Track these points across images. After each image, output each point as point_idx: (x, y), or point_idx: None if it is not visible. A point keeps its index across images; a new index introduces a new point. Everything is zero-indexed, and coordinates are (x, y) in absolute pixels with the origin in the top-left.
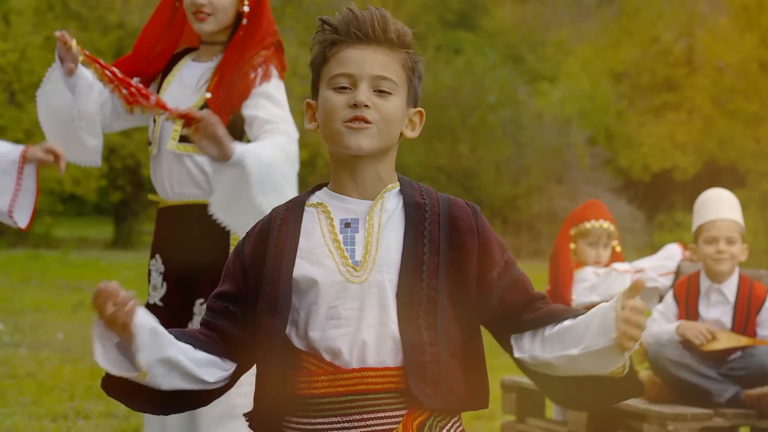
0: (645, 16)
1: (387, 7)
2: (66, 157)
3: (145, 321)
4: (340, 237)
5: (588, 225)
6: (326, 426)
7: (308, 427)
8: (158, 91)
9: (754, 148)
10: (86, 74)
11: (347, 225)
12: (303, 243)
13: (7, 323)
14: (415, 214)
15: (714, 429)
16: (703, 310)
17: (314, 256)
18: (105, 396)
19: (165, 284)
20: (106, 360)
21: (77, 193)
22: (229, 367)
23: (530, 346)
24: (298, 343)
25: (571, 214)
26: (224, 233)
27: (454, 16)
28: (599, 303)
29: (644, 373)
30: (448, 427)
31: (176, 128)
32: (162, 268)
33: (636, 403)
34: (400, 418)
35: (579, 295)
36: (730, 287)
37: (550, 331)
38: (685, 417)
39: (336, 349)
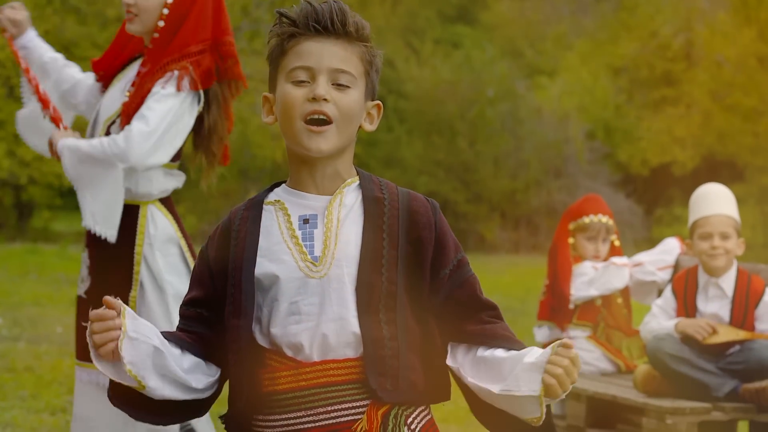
0: (644, 10)
1: (386, 2)
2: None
3: (140, 343)
4: (299, 233)
5: (587, 220)
6: (292, 421)
7: (275, 423)
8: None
9: (752, 142)
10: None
11: (306, 221)
12: (263, 242)
13: (5, 317)
14: (373, 208)
15: (712, 423)
16: (702, 304)
17: (273, 254)
18: None
19: (89, 277)
20: (104, 366)
21: None
22: (214, 372)
23: (462, 360)
24: (261, 340)
25: (569, 208)
26: (131, 232)
27: (452, 11)
28: (597, 297)
29: (642, 367)
30: (413, 416)
31: (102, 132)
32: (88, 262)
33: (634, 396)
34: (364, 408)
35: (577, 289)
36: (728, 281)
37: (482, 353)
38: (684, 411)
39: (297, 344)
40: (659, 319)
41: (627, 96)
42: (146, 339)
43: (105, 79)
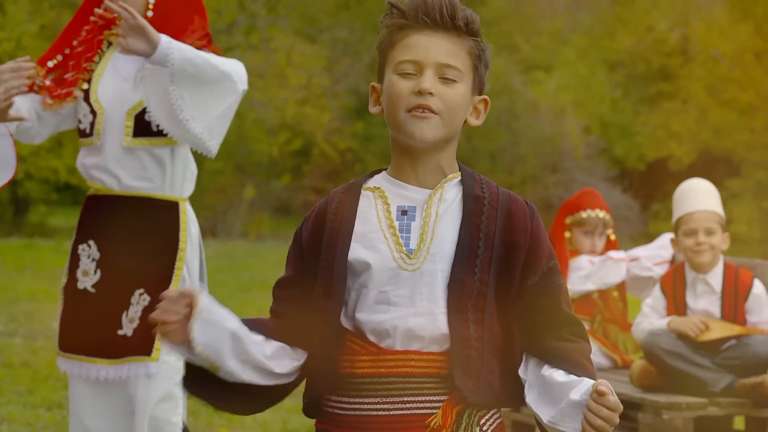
0: (640, 5)
1: None
2: None
3: (215, 327)
4: (396, 224)
5: (584, 214)
6: (366, 406)
7: (348, 406)
8: (89, 83)
9: (748, 137)
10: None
11: (404, 212)
12: (358, 227)
13: (2, 312)
14: (473, 206)
15: (709, 418)
16: (691, 301)
17: (369, 241)
18: None
19: (99, 271)
20: (175, 347)
21: (72, 183)
22: (300, 356)
23: (531, 374)
24: (345, 322)
25: (566, 202)
26: (174, 229)
27: None
28: (594, 291)
29: (639, 362)
30: (486, 418)
31: (128, 124)
32: (97, 255)
33: (631, 392)
34: (439, 403)
35: (574, 283)
36: (716, 277)
37: (545, 371)
38: (680, 406)
39: (382, 332)
40: (651, 318)
41: (623, 91)
42: (222, 323)
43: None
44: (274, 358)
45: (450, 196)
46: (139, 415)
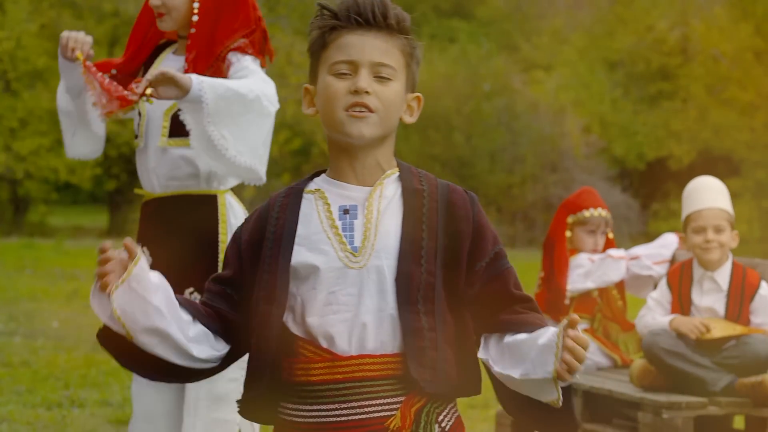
0: (640, 4)
1: None
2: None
3: (137, 296)
4: (339, 223)
5: (587, 213)
6: (323, 413)
7: (305, 413)
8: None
9: (748, 137)
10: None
11: (346, 211)
12: (301, 230)
13: (1, 312)
14: (413, 200)
15: (709, 417)
16: (696, 297)
17: (313, 243)
18: (100, 385)
19: None
20: (99, 304)
21: (72, 182)
22: (222, 348)
23: (493, 351)
24: (295, 329)
25: (565, 201)
26: (213, 222)
27: (448, 5)
28: (594, 289)
29: (639, 361)
30: (444, 413)
31: (165, 124)
32: (150, 260)
33: (631, 391)
34: (397, 405)
35: (573, 282)
36: (723, 275)
37: (507, 339)
38: (680, 405)
39: (334, 335)
40: (654, 313)
41: (623, 90)
42: (147, 294)
43: (130, 71)
44: (195, 342)
45: (390, 192)
46: (190, 416)
